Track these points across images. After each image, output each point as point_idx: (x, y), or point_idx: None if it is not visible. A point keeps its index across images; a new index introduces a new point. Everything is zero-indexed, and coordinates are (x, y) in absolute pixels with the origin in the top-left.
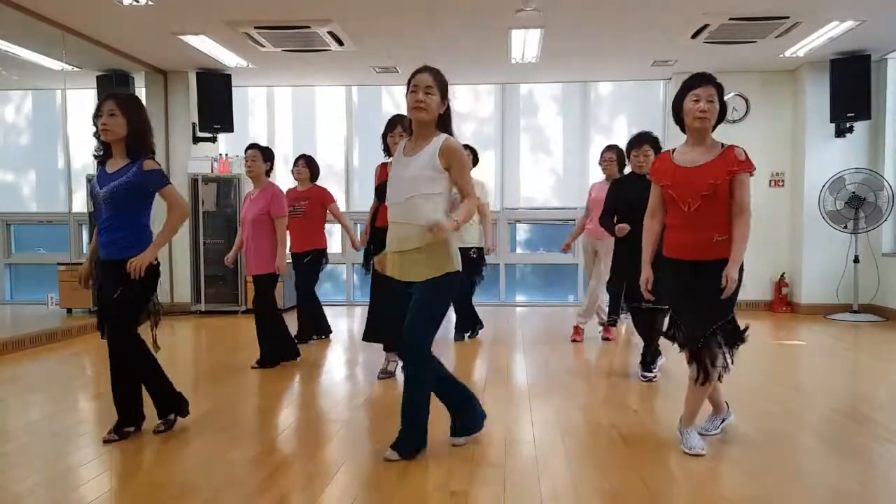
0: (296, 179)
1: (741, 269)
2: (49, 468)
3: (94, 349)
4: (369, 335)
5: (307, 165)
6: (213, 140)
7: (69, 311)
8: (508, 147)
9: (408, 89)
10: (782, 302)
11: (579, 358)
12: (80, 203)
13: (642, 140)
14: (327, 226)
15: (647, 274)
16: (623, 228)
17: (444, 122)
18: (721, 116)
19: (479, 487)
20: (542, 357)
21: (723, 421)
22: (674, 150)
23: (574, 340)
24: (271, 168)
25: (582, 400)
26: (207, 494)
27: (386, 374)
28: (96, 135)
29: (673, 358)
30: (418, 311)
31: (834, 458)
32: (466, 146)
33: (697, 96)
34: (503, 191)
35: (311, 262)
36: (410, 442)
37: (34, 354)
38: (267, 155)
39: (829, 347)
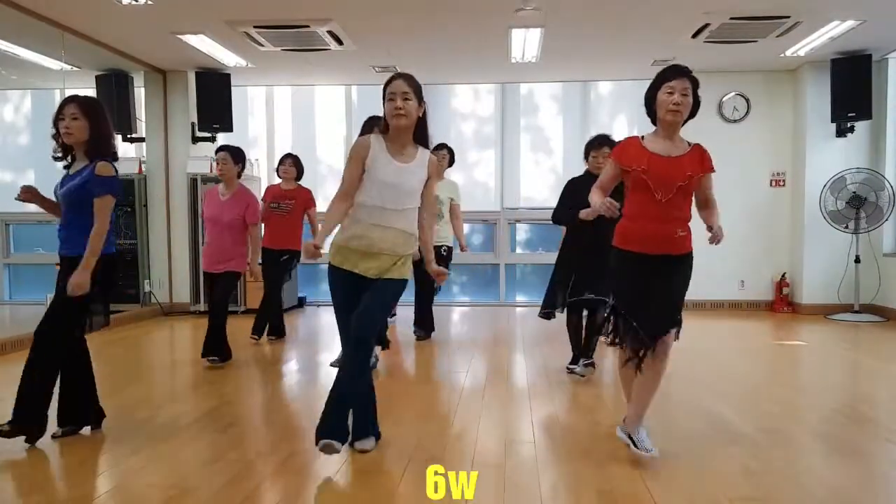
0: (281, 177)
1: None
2: (48, 468)
3: (93, 349)
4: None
5: (294, 165)
6: (213, 140)
7: None
8: (508, 147)
9: (384, 98)
10: (783, 302)
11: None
12: None
13: (602, 142)
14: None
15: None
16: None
17: (421, 126)
18: (693, 112)
19: (479, 487)
20: (541, 357)
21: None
22: (643, 137)
23: None
24: (242, 169)
25: (582, 400)
26: (207, 494)
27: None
28: (55, 136)
29: (673, 359)
30: (379, 305)
31: (834, 458)
32: (444, 145)
33: (672, 88)
34: (503, 191)
35: (286, 261)
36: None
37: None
38: (238, 156)
39: (830, 347)
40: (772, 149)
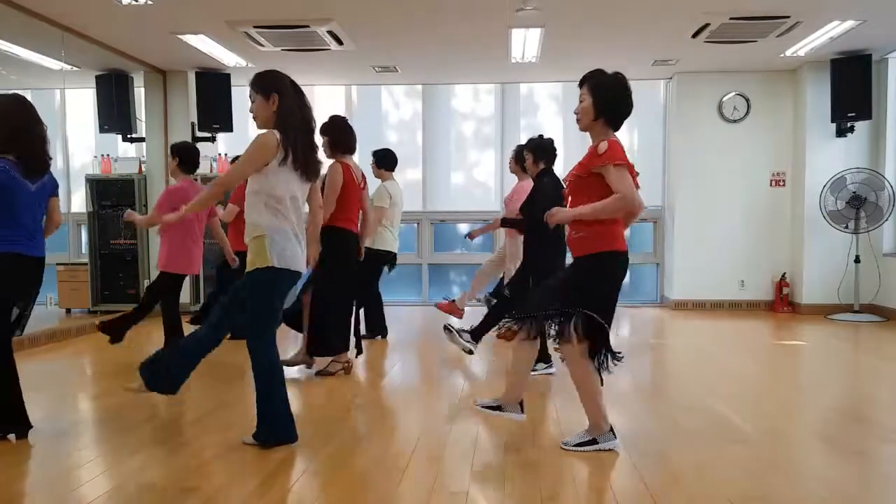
0: None
1: (590, 269)
2: (49, 468)
3: (93, 349)
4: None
5: None
6: (213, 140)
7: (68, 311)
8: (508, 147)
9: None
10: (783, 302)
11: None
12: (79, 203)
13: (525, 143)
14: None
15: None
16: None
17: (280, 117)
18: (604, 109)
19: (479, 487)
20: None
21: (593, 442)
22: None
23: None
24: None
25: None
26: (207, 494)
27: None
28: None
29: (673, 359)
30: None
31: (834, 458)
32: (385, 150)
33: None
34: (503, 191)
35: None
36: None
37: (33, 354)
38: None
39: (830, 347)
40: (772, 149)
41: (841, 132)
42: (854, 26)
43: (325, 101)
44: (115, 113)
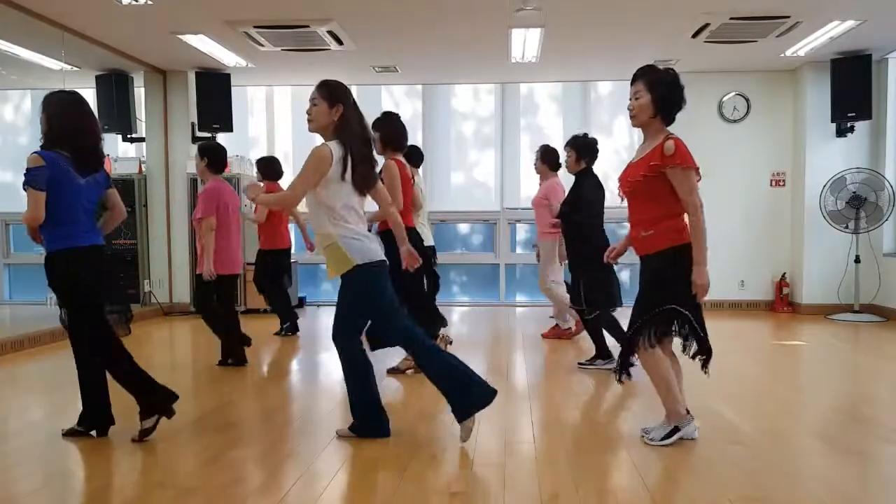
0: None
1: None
2: (49, 468)
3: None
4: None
5: (259, 171)
6: (213, 140)
7: None
8: (508, 147)
9: None
10: (783, 302)
11: (579, 358)
12: None
13: (567, 141)
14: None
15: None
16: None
17: (341, 129)
18: (663, 106)
19: (479, 487)
20: (541, 357)
21: (675, 429)
22: None
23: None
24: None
25: (582, 400)
26: (207, 494)
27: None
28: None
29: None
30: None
31: (834, 458)
32: (411, 146)
33: (630, 94)
34: (503, 191)
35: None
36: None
37: (34, 355)
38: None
39: (830, 347)
40: (772, 149)
41: (841, 132)
42: (854, 26)
43: None
44: (115, 113)
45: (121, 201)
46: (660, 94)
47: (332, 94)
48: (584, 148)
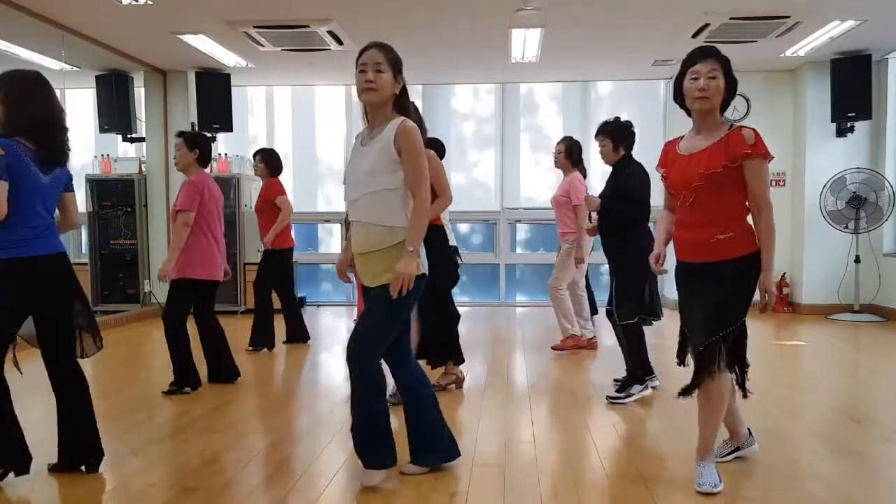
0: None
1: (747, 272)
2: (40, 466)
3: None
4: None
5: (263, 161)
6: (213, 140)
7: None
8: (508, 147)
9: (357, 69)
10: (783, 302)
11: (579, 358)
12: (79, 203)
13: (598, 130)
14: (329, 225)
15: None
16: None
17: (401, 104)
18: (731, 93)
19: (479, 487)
20: (541, 357)
21: (737, 449)
22: (683, 136)
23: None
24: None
25: (582, 400)
26: (207, 494)
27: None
28: None
29: (672, 358)
30: (368, 323)
31: (834, 458)
32: (433, 139)
33: (697, 73)
34: (503, 191)
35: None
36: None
37: (33, 354)
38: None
39: (830, 348)
40: (771, 148)
41: (841, 132)
42: (854, 26)
43: (325, 101)
44: (115, 113)
45: (75, 209)
46: (732, 79)
47: (397, 63)
48: (620, 134)
